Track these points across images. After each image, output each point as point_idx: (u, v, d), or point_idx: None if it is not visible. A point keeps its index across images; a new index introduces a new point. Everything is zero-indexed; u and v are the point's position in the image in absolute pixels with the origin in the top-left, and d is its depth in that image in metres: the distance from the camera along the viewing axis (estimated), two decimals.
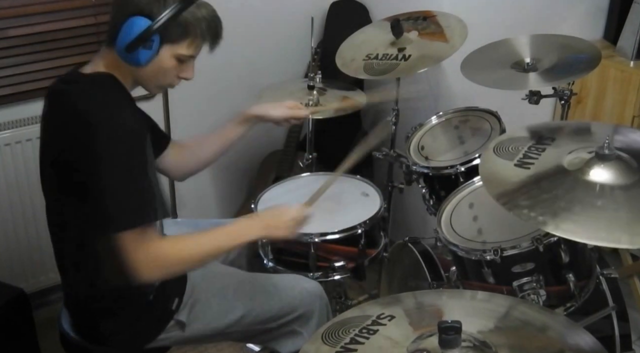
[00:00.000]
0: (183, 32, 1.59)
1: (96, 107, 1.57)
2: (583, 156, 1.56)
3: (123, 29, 1.54)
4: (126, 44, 1.54)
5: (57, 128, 1.63)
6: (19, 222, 2.53)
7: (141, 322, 1.76)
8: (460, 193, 2.02)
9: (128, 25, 1.54)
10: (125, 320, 1.75)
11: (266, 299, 1.87)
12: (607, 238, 1.37)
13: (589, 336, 1.23)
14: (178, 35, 1.59)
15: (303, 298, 1.89)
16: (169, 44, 1.59)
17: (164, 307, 1.76)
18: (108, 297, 1.72)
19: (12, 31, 2.40)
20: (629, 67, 2.82)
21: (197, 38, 1.62)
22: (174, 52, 1.61)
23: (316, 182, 2.37)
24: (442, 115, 2.40)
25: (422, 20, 2.39)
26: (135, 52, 1.55)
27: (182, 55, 1.63)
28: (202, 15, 1.60)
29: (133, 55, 1.56)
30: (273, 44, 2.96)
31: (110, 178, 1.54)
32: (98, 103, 1.58)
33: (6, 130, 2.47)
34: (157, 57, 1.59)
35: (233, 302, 1.84)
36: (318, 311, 1.91)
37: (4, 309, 2.16)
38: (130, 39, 1.54)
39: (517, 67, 2.17)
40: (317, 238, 2.05)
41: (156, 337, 1.77)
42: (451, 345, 1.14)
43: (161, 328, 1.76)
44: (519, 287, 1.76)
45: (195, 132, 2.90)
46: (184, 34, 1.60)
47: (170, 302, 1.77)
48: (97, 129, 1.54)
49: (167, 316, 1.77)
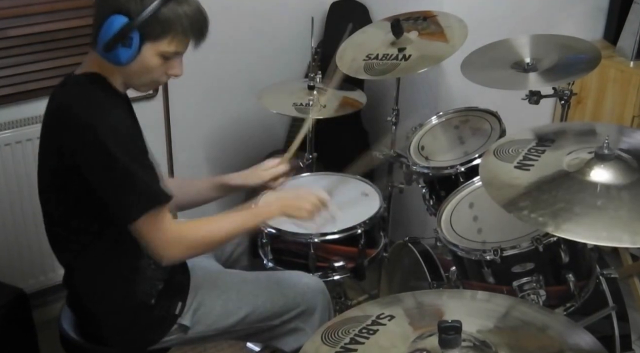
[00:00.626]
0: (163, 29, 1.57)
1: (84, 105, 1.58)
2: (583, 156, 1.56)
3: (103, 28, 1.55)
4: (104, 42, 1.54)
5: (53, 132, 1.64)
6: (19, 222, 2.53)
7: (143, 325, 1.76)
8: (460, 193, 2.02)
9: (107, 25, 1.54)
10: (128, 323, 1.75)
11: (269, 297, 1.87)
12: (608, 237, 1.37)
13: (589, 336, 1.23)
14: (159, 33, 1.57)
15: (305, 294, 1.90)
16: (151, 41, 1.58)
17: (166, 311, 1.77)
18: (110, 299, 1.73)
19: (12, 31, 2.40)
20: (629, 67, 2.82)
21: (179, 34, 1.59)
22: (156, 49, 1.59)
23: (316, 182, 2.38)
24: (442, 115, 2.40)
25: (422, 20, 2.39)
26: (115, 50, 1.55)
27: (166, 52, 1.61)
28: (183, 11, 1.57)
29: (113, 54, 1.56)
30: (273, 44, 2.96)
31: (114, 170, 1.55)
32: (85, 100, 1.59)
33: (6, 130, 2.47)
34: (139, 56, 1.58)
35: (237, 303, 1.84)
36: (320, 307, 1.91)
37: (4, 309, 2.16)
38: (108, 38, 1.54)
39: (517, 67, 2.17)
40: (317, 239, 2.05)
41: (159, 340, 1.77)
42: (451, 344, 1.14)
43: (164, 332, 1.77)
44: (518, 287, 1.76)
45: (195, 132, 2.92)
46: (164, 31, 1.58)
47: (173, 306, 1.77)
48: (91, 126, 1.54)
49: (170, 320, 1.77)
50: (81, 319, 1.81)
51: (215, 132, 2.96)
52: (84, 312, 1.79)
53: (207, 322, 1.81)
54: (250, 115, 2.99)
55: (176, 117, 2.81)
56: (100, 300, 1.74)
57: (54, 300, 2.64)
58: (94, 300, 1.75)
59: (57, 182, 1.65)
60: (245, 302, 1.84)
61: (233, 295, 1.85)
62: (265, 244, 2.12)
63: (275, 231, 2.10)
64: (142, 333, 1.77)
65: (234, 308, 1.83)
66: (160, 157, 2.83)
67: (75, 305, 1.82)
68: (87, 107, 1.57)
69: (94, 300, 1.75)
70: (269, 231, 2.10)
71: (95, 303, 1.75)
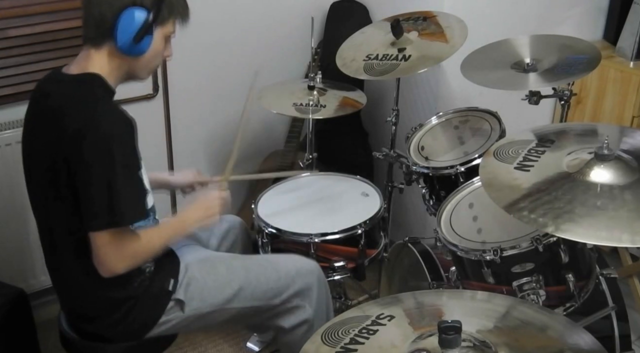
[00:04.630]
0: (169, 11, 1.66)
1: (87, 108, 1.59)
2: (583, 157, 1.56)
3: (121, 23, 1.58)
4: (132, 36, 1.59)
5: (48, 132, 1.63)
6: (19, 222, 2.53)
7: (141, 307, 1.76)
8: (460, 193, 2.02)
9: (126, 19, 1.58)
10: (125, 309, 1.75)
11: (262, 271, 1.90)
12: (607, 237, 1.37)
13: (589, 336, 1.23)
14: (166, 16, 1.66)
15: (299, 271, 1.93)
16: (160, 26, 1.66)
17: (160, 289, 1.78)
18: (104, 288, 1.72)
19: (12, 31, 2.40)
20: (629, 67, 2.82)
21: (178, 15, 1.69)
22: (163, 32, 1.68)
23: (316, 182, 2.38)
24: (442, 115, 2.40)
25: (422, 20, 2.39)
26: (141, 42, 1.61)
27: (169, 34, 1.69)
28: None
29: (139, 46, 1.61)
30: (273, 44, 2.96)
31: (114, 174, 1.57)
32: (89, 103, 1.60)
33: (6, 130, 2.47)
34: (153, 42, 1.65)
35: (228, 276, 1.87)
36: (317, 284, 1.94)
37: (4, 309, 2.16)
38: (136, 30, 1.59)
39: (517, 67, 2.17)
40: (317, 239, 2.06)
41: (157, 320, 1.78)
42: (451, 345, 1.14)
43: (161, 310, 1.78)
44: (518, 287, 1.76)
45: (195, 132, 2.92)
46: (170, 14, 1.66)
47: (167, 283, 1.79)
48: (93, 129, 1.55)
49: (165, 297, 1.79)
50: (78, 319, 1.81)
51: (215, 132, 2.96)
52: (79, 312, 1.80)
53: (201, 296, 1.82)
54: (250, 115, 2.99)
55: (176, 117, 2.81)
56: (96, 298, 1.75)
57: (54, 300, 2.62)
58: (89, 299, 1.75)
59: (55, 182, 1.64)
60: (237, 275, 1.87)
61: (223, 269, 1.88)
62: (266, 244, 2.13)
63: (275, 231, 2.10)
64: (140, 315, 1.77)
65: (226, 281, 1.86)
66: (160, 157, 2.84)
67: (69, 307, 1.82)
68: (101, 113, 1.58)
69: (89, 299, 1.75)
70: (269, 231, 2.11)
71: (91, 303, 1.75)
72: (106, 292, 1.72)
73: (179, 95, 2.79)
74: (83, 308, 1.78)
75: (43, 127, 1.65)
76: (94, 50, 1.65)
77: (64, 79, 1.67)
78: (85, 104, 1.59)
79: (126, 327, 1.76)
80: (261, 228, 2.13)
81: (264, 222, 2.14)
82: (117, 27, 1.59)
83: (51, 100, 1.65)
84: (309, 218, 2.16)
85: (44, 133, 1.65)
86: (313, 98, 2.44)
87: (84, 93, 1.62)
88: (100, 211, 1.58)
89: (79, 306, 1.79)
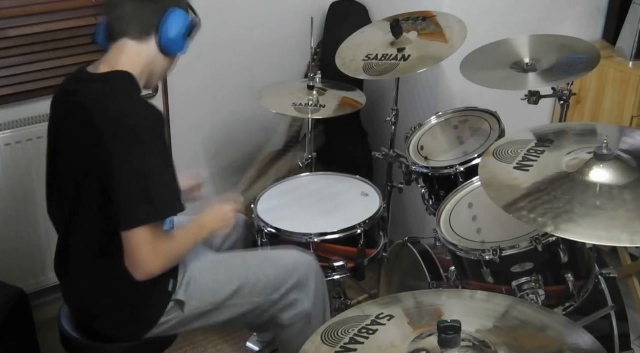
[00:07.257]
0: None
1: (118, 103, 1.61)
2: (582, 157, 1.56)
3: (169, 21, 1.65)
4: (182, 33, 1.68)
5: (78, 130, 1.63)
6: (19, 222, 2.53)
7: (141, 308, 1.77)
8: (459, 193, 2.02)
9: (174, 18, 1.66)
10: (126, 309, 1.76)
11: (260, 267, 1.91)
12: (607, 237, 1.37)
13: (588, 336, 1.24)
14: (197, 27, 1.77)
15: (297, 264, 1.94)
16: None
17: (160, 290, 1.78)
18: (108, 290, 1.73)
19: (12, 31, 2.40)
20: (628, 67, 2.83)
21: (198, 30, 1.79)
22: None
23: (316, 182, 2.38)
24: (442, 115, 2.40)
25: (421, 20, 2.39)
26: (186, 41, 1.71)
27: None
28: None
29: (181, 45, 1.70)
30: (273, 44, 2.96)
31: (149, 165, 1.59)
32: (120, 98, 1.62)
33: (6, 130, 2.47)
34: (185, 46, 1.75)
35: (227, 274, 1.87)
36: (314, 276, 1.96)
37: (4, 309, 2.16)
38: (186, 28, 1.68)
39: (516, 67, 2.18)
40: (317, 238, 2.06)
41: (157, 320, 1.78)
42: (450, 344, 1.14)
43: (161, 311, 1.78)
44: (518, 287, 1.76)
45: (195, 132, 2.92)
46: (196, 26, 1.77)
47: (166, 284, 1.79)
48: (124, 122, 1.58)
49: (166, 298, 1.79)
50: (81, 318, 1.82)
51: (215, 132, 2.96)
52: (83, 311, 1.80)
53: (201, 296, 1.83)
54: (250, 115, 2.99)
55: (176, 117, 2.81)
56: (100, 299, 1.75)
57: (54, 300, 2.64)
58: (95, 301, 1.76)
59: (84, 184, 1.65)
60: (236, 274, 1.88)
61: (222, 268, 1.89)
62: (265, 244, 2.13)
63: (275, 231, 2.10)
64: (141, 316, 1.78)
65: (225, 280, 1.86)
66: None
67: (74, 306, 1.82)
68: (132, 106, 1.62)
69: (94, 301, 1.76)
70: (269, 231, 2.11)
71: (95, 303, 1.76)
72: (113, 292, 1.73)
73: (179, 95, 2.79)
74: (88, 306, 1.79)
75: (73, 125, 1.66)
76: (134, 43, 1.67)
77: (92, 78, 1.67)
78: (116, 98, 1.61)
79: (127, 326, 1.77)
80: (261, 228, 2.14)
81: (264, 221, 2.14)
82: (164, 25, 1.65)
83: (80, 97, 1.66)
84: (309, 218, 2.16)
85: (74, 131, 1.65)
86: (313, 98, 2.44)
87: (115, 89, 1.64)
88: (139, 204, 1.58)
89: (84, 305, 1.80)
